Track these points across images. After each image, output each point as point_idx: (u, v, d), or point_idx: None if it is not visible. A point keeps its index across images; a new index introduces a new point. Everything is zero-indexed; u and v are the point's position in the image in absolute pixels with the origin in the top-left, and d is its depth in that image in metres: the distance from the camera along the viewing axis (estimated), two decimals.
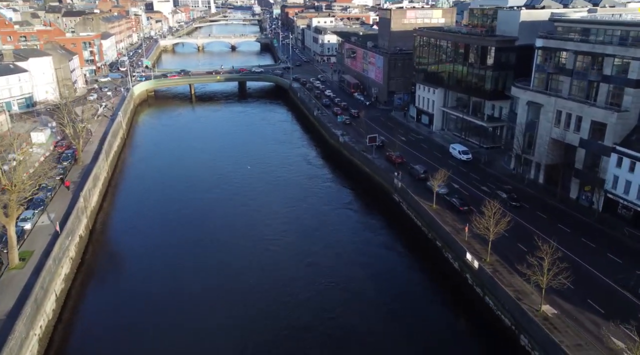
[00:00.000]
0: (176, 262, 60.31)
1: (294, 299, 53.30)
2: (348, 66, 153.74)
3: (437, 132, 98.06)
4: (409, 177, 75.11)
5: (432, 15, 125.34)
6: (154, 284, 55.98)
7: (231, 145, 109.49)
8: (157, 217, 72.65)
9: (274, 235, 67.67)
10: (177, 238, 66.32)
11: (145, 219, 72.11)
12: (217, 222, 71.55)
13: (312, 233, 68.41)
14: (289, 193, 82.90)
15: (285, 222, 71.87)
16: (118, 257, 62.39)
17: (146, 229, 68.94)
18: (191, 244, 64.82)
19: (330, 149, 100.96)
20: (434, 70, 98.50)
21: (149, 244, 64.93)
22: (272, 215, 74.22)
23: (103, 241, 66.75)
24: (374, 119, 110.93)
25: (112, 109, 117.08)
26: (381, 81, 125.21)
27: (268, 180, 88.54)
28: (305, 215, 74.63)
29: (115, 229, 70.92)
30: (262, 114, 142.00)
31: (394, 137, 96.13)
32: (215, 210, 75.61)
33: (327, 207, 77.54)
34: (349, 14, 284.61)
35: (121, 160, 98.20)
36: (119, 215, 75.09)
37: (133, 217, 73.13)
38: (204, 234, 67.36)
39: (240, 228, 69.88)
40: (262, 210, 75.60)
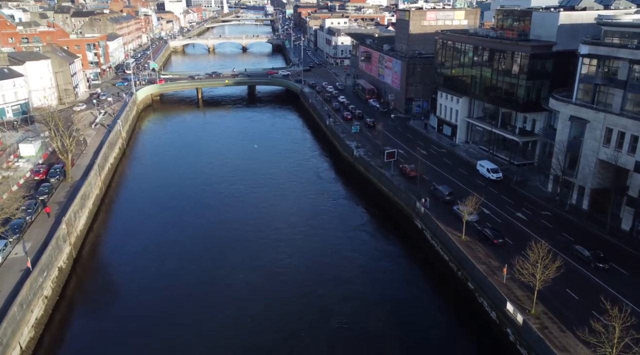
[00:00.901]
0: (173, 299, 52.73)
1: (300, 343, 45.61)
2: (362, 70, 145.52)
3: (461, 145, 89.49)
4: (430, 197, 66.95)
5: (453, 17, 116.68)
6: (145, 325, 48.44)
7: (237, 155, 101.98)
8: (154, 243, 64.98)
9: (280, 263, 59.98)
10: (175, 268, 58.79)
11: (140, 245, 64.37)
12: (219, 246, 64.09)
13: (322, 260, 60.58)
14: (297, 211, 75.29)
15: (293, 246, 64.25)
16: (105, 293, 54.85)
17: (141, 258, 61.15)
18: (192, 274, 57.36)
19: (343, 162, 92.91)
20: (457, 77, 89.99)
21: (143, 276, 57.41)
22: (278, 237, 66.64)
23: (89, 273, 59.25)
24: (391, 129, 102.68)
25: (114, 116, 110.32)
26: (398, 87, 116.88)
27: (275, 195, 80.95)
28: (314, 237, 66.86)
29: (105, 258, 63.41)
30: (272, 120, 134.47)
31: (414, 151, 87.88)
32: (216, 232, 68.16)
33: (339, 228, 69.66)
34: (363, 15, 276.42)
35: (118, 173, 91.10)
36: (110, 240, 67.70)
37: (127, 243, 65.47)
38: (205, 261, 59.90)
39: (243, 253, 62.29)
40: (268, 232, 67.97)
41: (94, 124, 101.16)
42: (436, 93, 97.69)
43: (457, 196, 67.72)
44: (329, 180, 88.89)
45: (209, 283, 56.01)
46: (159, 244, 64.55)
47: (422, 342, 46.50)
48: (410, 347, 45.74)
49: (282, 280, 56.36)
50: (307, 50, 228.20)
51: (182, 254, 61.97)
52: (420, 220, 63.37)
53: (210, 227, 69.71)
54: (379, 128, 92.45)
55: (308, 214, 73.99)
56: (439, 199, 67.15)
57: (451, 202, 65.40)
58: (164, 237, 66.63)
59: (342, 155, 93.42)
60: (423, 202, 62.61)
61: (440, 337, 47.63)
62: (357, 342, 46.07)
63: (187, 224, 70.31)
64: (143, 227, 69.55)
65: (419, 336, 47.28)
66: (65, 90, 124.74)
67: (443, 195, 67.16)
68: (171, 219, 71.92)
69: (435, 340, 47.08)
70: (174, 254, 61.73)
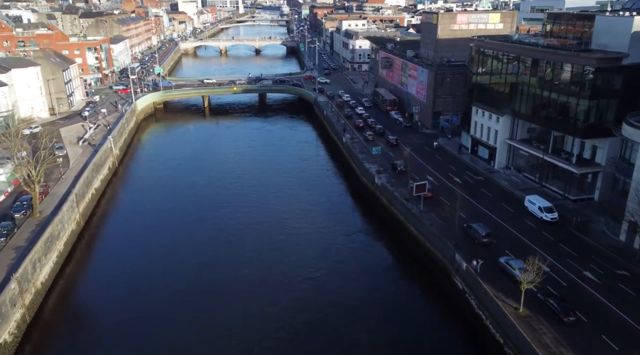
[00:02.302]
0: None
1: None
2: (383, 78, 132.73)
3: (501, 172, 76.35)
4: (463, 237, 54.56)
5: (487, 20, 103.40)
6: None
7: (241, 174, 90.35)
8: (141, 299, 52.94)
9: (282, 324, 47.97)
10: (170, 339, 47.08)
11: (124, 302, 52.23)
12: (211, 297, 52.31)
13: (334, 323, 48.47)
14: (306, 247, 63.69)
15: (299, 298, 52.43)
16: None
17: (124, 326, 49.06)
18: (180, 333, 45.54)
19: (361, 188, 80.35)
20: (497, 91, 76.92)
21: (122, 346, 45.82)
22: (283, 286, 54.80)
23: (46, 346, 47.56)
24: (417, 148, 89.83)
25: (109, 128, 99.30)
26: (424, 99, 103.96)
27: (281, 226, 69.19)
28: (325, 286, 55.12)
29: (71, 323, 50.92)
30: (282, 131, 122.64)
31: (445, 177, 75.12)
32: (210, 276, 56.39)
33: (356, 275, 57.60)
34: (381, 16, 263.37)
35: (106, 199, 79.71)
36: (81, 295, 55.42)
37: (105, 300, 52.94)
38: (196, 310, 48.03)
39: (239, 307, 50.53)
40: (270, 278, 56.08)
41: (82, 140, 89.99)
42: (470, 108, 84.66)
43: (502, 239, 55.30)
44: (344, 210, 76.54)
45: (197, 333, 44.08)
46: (147, 302, 52.53)
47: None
48: None
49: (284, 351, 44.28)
50: (323, 54, 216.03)
51: (172, 317, 50.06)
52: (461, 279, 50.52)
53: (192, 271, 57.81)
54: (406, 150, 79.20)
55: (317, 254, 62.16)
56: (474, 240, 55.01)
57: (488, 244, 53.56)
58: (152, 289, 54.70)
59: (360, 181, 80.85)
60: (473, 266, 49.30)
61: None
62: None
63: (175, 269, 58.54)
64: (128, 275, 57.72)
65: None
66: (58, 99, 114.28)
67: (479, 236, 54.92)
68: (162, 262, 60.18)
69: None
70: (165, 321, 49.62)
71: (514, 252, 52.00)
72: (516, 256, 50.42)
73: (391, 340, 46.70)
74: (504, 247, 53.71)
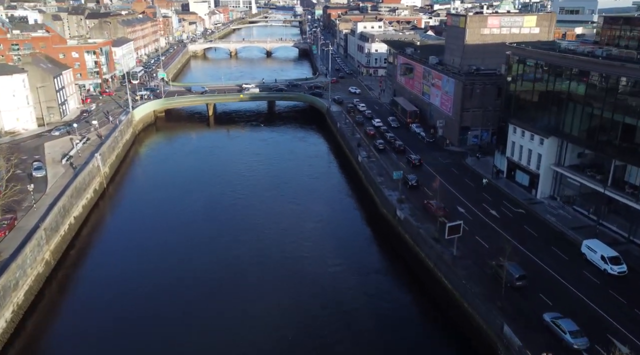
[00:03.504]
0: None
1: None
2: (402, 85, 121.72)
3: (545, 203, 64.98)
4: (494, 276, 43.86)
5: (522, 24, 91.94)
6: None
7: (243, 194, 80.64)
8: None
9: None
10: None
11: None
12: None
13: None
14: (313, 295, 53.17)
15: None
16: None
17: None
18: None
19: (380, 220, 69.35)
20: (541, 108, 65.67)
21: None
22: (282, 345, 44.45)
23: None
24: (443, 169, 78.80)
25: (101, 141, 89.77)
26: (450, 112, 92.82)
27: (284, 265, 58.87)
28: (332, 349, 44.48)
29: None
30: (291, 143, 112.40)
31: (478, 208, 64.05)
32: (201, 324, 46.08)
33: (371, 335, 47.01)
34: (397, 17, 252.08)
35: (88, 229, 69.79)
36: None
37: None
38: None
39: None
40: (270, 339, 45.59)
41: (66, 158, 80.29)
42: (506, 125, 73.45)
43: (551, 293, 44.56)
44: (359, 245, 65.71)
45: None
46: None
47: None
48: None
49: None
50: (336, 57, 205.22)
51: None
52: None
53: (181, 321, 47.58)
54: (436, 181, 66.63)
55: (325, 303, 51.68)
56: (509, 282, 45.44)
57: (522, 288, 45.03)
58: None
59: (379, 212, 69.91)
60: None
61: None
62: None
63: (164, 318, 48.39)
64: (108, 330, 47.66)
65: None
66: (48, 108, 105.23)
67: (511, 277, 45.60)
68: (149, 311, 50.08)
69: None
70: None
71: (569, 314, 41.17)
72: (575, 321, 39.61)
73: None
74: (556, 305, 42.88)
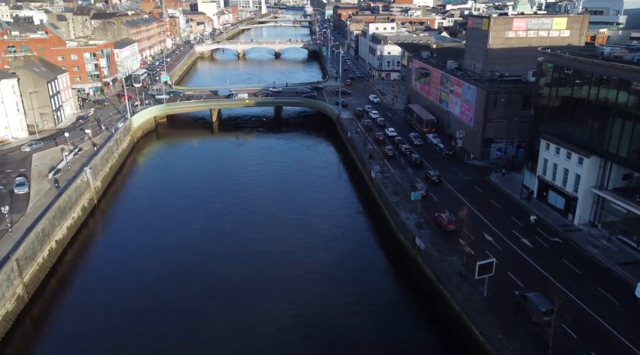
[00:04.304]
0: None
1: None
2: (417, 91, 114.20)
3: (584, 230, 57.31)
4: (520, 314, 36.58)
5: (551, 26, 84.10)
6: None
7: (243, 211, 74.13)
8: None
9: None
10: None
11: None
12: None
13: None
14: (320, 333, 45.98)
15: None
16: None
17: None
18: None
19: (397, 248, 61.82)
20: (581, 122, 58.03)
21: None
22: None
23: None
24: (465, 187, 71.36)
25: (94, 151, 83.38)
26: (471, 122, 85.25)
27: (286, 301, 51.47)
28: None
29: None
30: (298, 152, 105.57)
31: (509, 236, 56.53)
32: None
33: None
34: (410, 18, 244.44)
35: (73, 253, 63.18)
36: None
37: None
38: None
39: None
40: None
41: (54, 172, 73.90)
42: (537, 139, 65.87)
43: (605, 350, 36.95)
44: (372, 277, 57.94)
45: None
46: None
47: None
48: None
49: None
50: (347, 59, 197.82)
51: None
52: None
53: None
54: (464, 208, 54.34)
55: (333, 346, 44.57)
56: (530, 316, 39.63)
57: (549, 325, 36.90)
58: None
59: (396, 237, 62.55)
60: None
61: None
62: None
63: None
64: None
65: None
66: (41, 115, 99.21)
67: (537, 312, 39.80)
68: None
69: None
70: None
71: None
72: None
73: None
74: None
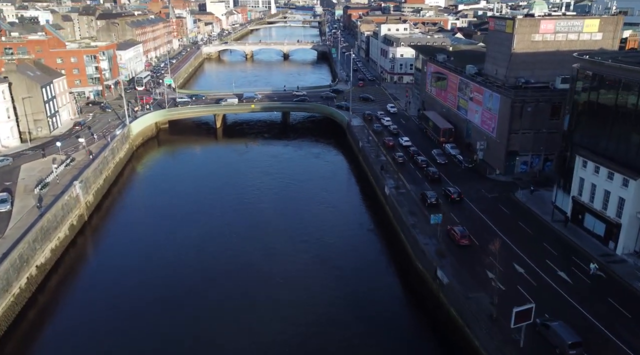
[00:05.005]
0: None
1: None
2: (432, 96, 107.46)
3: (630, 262, 50.42)
4: None
5: (581, 28, 77.12)
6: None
7: (245, 229, 67.93)
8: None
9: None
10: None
11: None
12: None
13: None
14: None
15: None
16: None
17: None
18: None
19: (416, 280, 54.83)
20: (627, 139, 51.21)
21: None
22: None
23: None
24: (489, 207, 64.52)
25: (88, 161, 77.77)
26: (493, 133, 78.46)
27: (291, 339, 45.28)
28: None
29: None
30: (306, 161, 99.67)
31: (541, 265, 49.80)
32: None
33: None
34: (422, 18, 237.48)
35: (58, 277, 57.46)
36: None
37: None
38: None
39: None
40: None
41: (41, 186, 68.21)
42: (571, 155, 59.08)
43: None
44: (388, 313, 51.00)
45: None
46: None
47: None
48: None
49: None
50: (357, 61, 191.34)
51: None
52: None
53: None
54: (495, 245, 43.71)
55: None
56: (555, 349, 34.21)
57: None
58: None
59: (413, 266, 55.87)
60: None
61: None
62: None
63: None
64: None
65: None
66: (35, 121, 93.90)
67: (563, 343, 35.07)
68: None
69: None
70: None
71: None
72: None
73: None
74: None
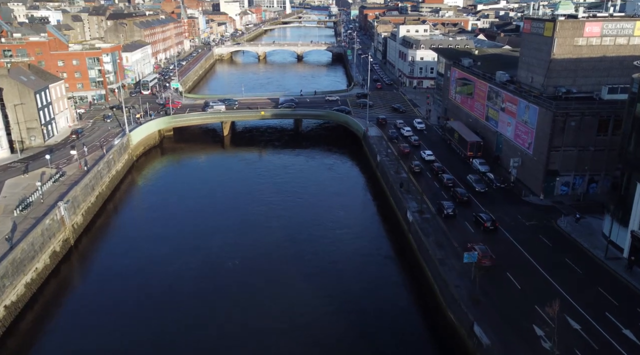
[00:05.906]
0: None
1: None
2: (457, 105, 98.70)
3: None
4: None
5: (632, 31, 67.98)
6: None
7: (249, 254, 59.49)
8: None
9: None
10: None
11: None
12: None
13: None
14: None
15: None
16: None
17: None
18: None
19: (449, 333, 46.33)
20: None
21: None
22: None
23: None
24: (528, 238, 55.66)
25: (80, 174, 70.78)
26: (530, 149, 69.58)
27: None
28: None
29: None
30: (318, 173, 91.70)
31: (598, 319, 41.02)
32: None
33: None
34: (442, 19, 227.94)
35: (32, 315, 50.15)
36: None
37: None
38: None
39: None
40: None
41: (22, 206, 61.16)
42: (629, 181, 50.15)
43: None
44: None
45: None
46: None
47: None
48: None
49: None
50: (374, 63, 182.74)
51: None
52: None
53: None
54: (554, 308, 36.04)
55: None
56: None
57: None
58: None
59: (443, 314, 47.33)
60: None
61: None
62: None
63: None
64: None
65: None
66: (29, 129, 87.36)
67: None
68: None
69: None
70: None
71: None
72: None
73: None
74: None
